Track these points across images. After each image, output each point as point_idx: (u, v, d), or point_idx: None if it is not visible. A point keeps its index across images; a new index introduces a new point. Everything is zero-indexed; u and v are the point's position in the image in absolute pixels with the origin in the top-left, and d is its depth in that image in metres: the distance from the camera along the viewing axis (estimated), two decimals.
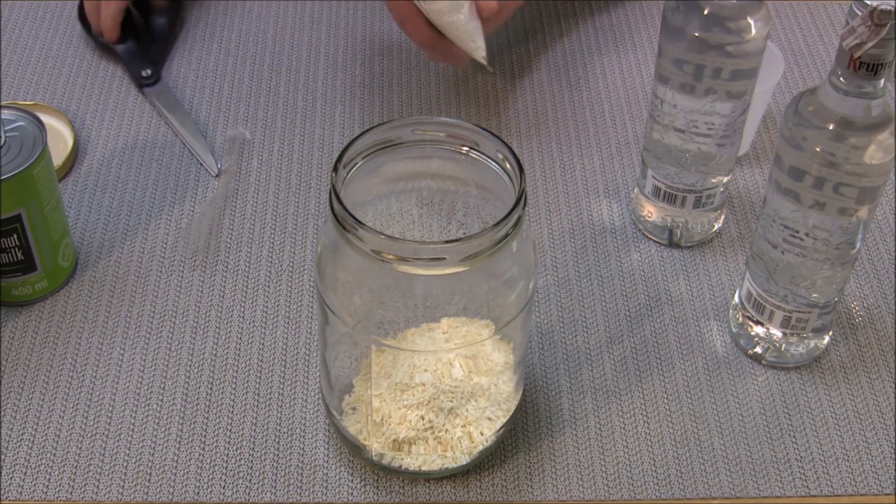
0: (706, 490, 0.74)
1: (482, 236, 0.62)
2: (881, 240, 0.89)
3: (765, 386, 0.79)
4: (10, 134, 0.79)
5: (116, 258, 0.86)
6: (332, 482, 0.73)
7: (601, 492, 0.73)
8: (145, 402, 0.77)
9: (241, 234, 0.88)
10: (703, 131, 0.81)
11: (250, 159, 0.94)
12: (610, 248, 0.88)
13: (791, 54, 1.05)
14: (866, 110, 0.67)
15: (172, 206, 0.90)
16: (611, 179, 0.93)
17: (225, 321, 0.82)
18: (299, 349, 0.81)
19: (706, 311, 0.84)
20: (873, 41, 0.64)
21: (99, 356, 0.80)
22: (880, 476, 0.75)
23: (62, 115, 0.95)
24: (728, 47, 0.76)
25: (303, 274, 0.85)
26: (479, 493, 0.73)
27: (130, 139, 0.95)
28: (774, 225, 0.74)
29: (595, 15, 1.09)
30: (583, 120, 0.98)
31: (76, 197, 0.91)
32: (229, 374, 0.79)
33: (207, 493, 0.73)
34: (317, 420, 0.77)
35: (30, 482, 0.73)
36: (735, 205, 0.92)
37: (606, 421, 0.77)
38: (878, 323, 0.83)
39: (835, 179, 0.69)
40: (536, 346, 0.81)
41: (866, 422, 0.77)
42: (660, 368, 0.80)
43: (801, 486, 0.74)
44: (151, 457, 0.75)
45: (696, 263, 0.87)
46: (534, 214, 0.90)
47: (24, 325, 0.82)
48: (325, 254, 0.67)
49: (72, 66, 1.02)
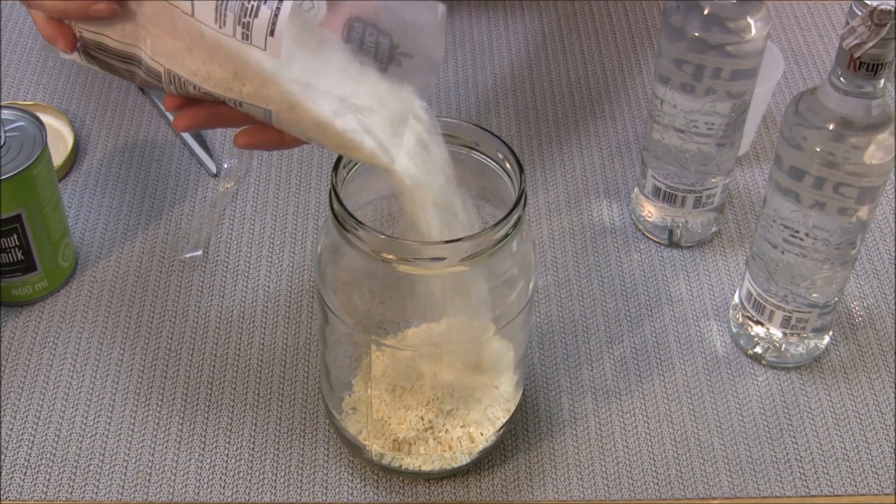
0: (706, 490, 0.74)
1: (482, 236, 0.62)
2: (881, 240, 0.89)
3: (765, 386, 0.79)
4: (10, 134, 0.79)
5: (116, 258, 0.86)
6: (332, 482, 0.73)
7: (601, 492, 0.73)
8: (145, 402, 0.77)
9: (241, 234, 0.88)
10: (703, 131, 0.81)
11: (250, 159, 0.94)
12: (610, 248, 0.88)
13: (791, 54, 1.05)
14: (866, 110, 0.67)
15: (172, 206, 0.90)
16: (611, 179, 0.93)
17: (225, 321, 0.82)
18: (299, 349, 0.81)
19: (706, 311, 0.84)
20: (873, 41, 0.64)
21: (99, 356, 0.80)
22: (880, 476, 0.75)
23: (62, 115, 0.95)
24: (728, 47, 0.76)
25: (303, 274, 0.85)
26: (479, 493, 0.73)
27: (130, 139, 0.95)
28: (774, 225, 0.74)
29: (595, 15, 1.09)
30: (583, 120, 0.98)
31: (76, 197, 0.91)
32: (229, 374, 0.79)
33: (207, 493, 0.73)
34: (317, 420, 0.77)
35: (30, 482, 0.73)
36: (735, 205, 0.92)
37: (606, 421, 0.77)
38: (878, 323, 0.83)
39: (835, 179, 0.69)
40: (536, 346, 0.81)
41: (866, 422, 0.77)
42: (660, 368, 0.80)
43: (801, 486, 0.74)
44: (151, 457, 0.75)
45: (696, 263, 0.87)
46: (534, 214, 0.90)
47: (24, 325, 0.82)
48: (325, 254, 0.67)
49: (72, 66, 1.02)
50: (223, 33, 0.60)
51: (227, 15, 0.59)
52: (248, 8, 0.59)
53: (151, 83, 0.65)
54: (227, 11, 0.59)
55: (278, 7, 0.59)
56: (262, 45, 0.59)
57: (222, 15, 0.60)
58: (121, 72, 0.66)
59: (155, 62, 0.63)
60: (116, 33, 0.63)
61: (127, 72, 0.65)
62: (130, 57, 0.64)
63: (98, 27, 0.64)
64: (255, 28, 0.59)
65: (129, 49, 0.64)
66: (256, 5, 0.59)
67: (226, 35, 0.60)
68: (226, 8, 0.59)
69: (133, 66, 0.64)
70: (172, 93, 0.64)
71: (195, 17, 0.60)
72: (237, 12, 0.59)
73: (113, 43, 0.64)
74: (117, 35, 0.63)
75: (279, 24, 0.59)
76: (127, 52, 0.64)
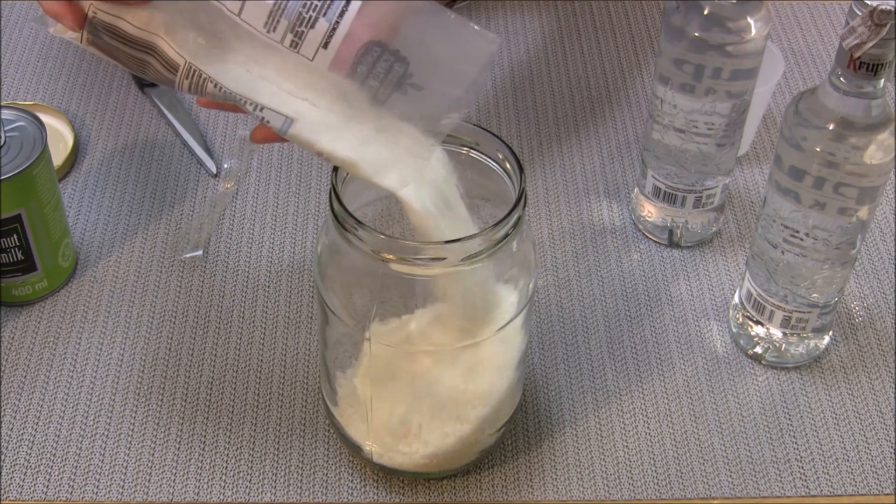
0: (706, 490, 0.74)
1: (482, 236, 0.62)
2: (881, 240, 0.89)
3: (765, 386, 0.79)
4: (10, 134, 0.79)
5: (116, 258, 0.86)
6: (332, 482, 0.73)
7: (601, 492, 0.73)
8: (145, 402, 0.77)
9: (241, 234, 0.88)
10: (703, 131, 0.81)
11: (250, 159, 0.94)
12: (610, 248, 0.88)
13: (791, 54, 1.05)
14: (866, 110, 0.67)
15: (172, 206, 0.90)
16: (611, 179, 0.93)
17: (225, 321, 0.82)
18: (299, 349, 0.81)
19: (706, 311, 0.84)
20: (873, 41, 0.64)
21: (99, 356, 0.80)
22: (880, 476, 0.75)
23: (62, 115, 0.95)
24: (728, 47, 0.76)
25: (303, 274, 0.85)
26: (479, 493, 0.73)
27: (130, 139, 0.95)
28: (774, 225, 0.74)
29: (595, 15, 1.09)
30: (583, 120, 0.98)
31: (76, 197, 0.91)
32: (229, 374, 0.79)
33: (207, 493, 0.73)
34: (317, 420, 0.77)
35: (30, 482, 0.73)
36: (735, 205, 0.92)
37: (606, 421, 0.77)
38: (878, 323, 0.83)
39: (835, 179, 0.69)
40: (536, 346, 0.81)
41: (866, 422, 0.77)
42: (660, 368, 0.80)
43: (801, 486, 0.74)
44: (151, 457, 0.75)
45: (696, 263, 0.87)
46: (534, 214, 0.90)
47: (24, 325, 0.82)
48: (325, 254, 0.67)
49: (72, 66, 1.02)
50: (269, 38, 0.59)
51: (281, 21, 0.59)
52: (306, 18, 0.58)
53: (160, 75, 0.63)
54: (282, 17, 0.59)
55: (337, 22, 0.58)
56: (309, 56, 0.59)
57: (275, 20, 0.59)
58: (125, 59, 0.64)
59: (177, 54, 0.62)
60: (138, 19, 0.62)
61: (135, 60, 0.63)
62: (147, 45, 0.62)
63: (118, 10, 0.62)
64: (308, 38, 0.58)
65: (147, 37, 0.62)
66: (314, 16, 0.58)
67: (272, 40, 0.59)
68: (281, 14, 0.59)
69: (146, 55, 0.63)
70: (184, 88, 0.63)
71: (241, 17, 0.59)
72: (293, 20, 0.59)
73: (130, 28, 0.62)
74: (138, 21, 0.62)
75: (335, 38, 0.58)
76: (144, 39, 0.62)
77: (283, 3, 0.59)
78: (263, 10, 0.59)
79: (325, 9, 0.59)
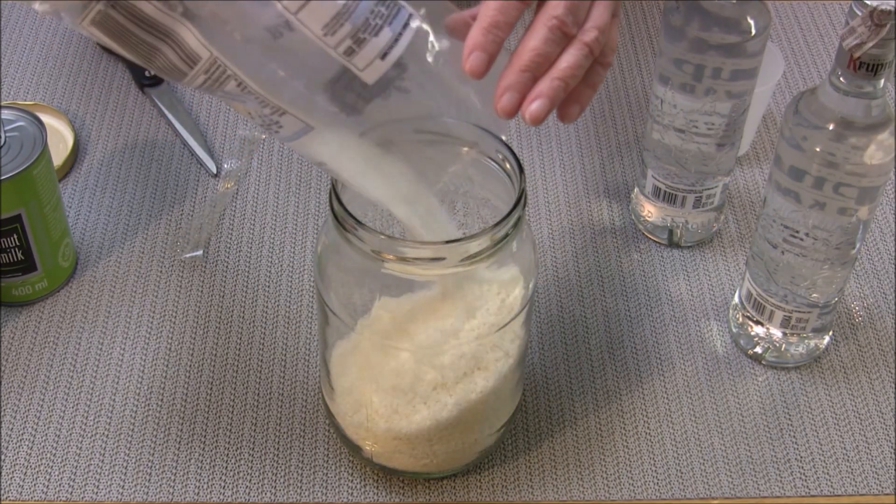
0: (706, 490, 0.74)
1: (482, 236, 0.62)
2: (881, 240, 0.89)
3: (765, 386, 0.79)
4: (10, 134, 0.79)
5: (116, 258, 0.86)
6: (332, 482, 0.73)
7: (601, 492, 0.73)
8: (145, 402, 0.77)
9: (241, 234, 0.88)
10: (703, 131, 0.81)
11: (250, 159, 0.94)
12: (610, 248, 0.88)
13: (791, 54, 1.05)
14: (866, 110, 0.67)
15: (172, 206, 0.90)
16: (611, 179, 0.93)
17: (225, 321, 0.82)
18: (299, 349, 0.81)
19: (706, 311, 0.84)
20: (873, 41, 0.64)
21: (99, 356, 0.80)
22: (880, 476, 0.75)
23: (62, 115, 0.95)
24: (728, 47, 0.76)
25: (303, 274, 0.85)
26: (479, 493, 0.73)
27: (130, 139, 0.95)
28: (774, 225, 0.74)
29: None
30: (583, 120, 0.98)
31: (76, 197, 0.91)
32: (229, 374, 0.79)
33: (207, 493, 0.73)
34: (317, 420, 0.77)
35: (30, 482, 0.73)
36: (735, 205, 0.92)
37: (606, 421, 0.77)
38: (878, 323, 0.83)
39: (835, 179, 0.69)
40: (536, 346, 0.81)
41: (866, 422, 0.77)
42: (660, 368, 0.80)
43: (801, 486, 0.74)
44: (151, 457, 0.75)
45: (696, 263, 0.87)
46: (534, 214, 0.90)
47: (24, 325, 0.82)
48: (325, 254, 0.67)
49: (72, 66, 1.02)
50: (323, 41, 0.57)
51: (345, 25, 0.57)
52: (372, 25, 0.57)
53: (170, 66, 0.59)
54: (347, 22, 0.56)
55: (400, 34, 0.57)
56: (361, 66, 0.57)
57: (338, 23, 0.57)
58: (132, 44, 0.58)
59: (202, 46, 0.57)
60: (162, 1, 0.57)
61: (145, 46, 0.58)
62: (165, 31, 0.57)
63: None
64: (367, 45, 0.57)
65: (168, 22, 0.57)
66: (380, 24, 0.57)
67: (326, 45, 0.57)
68: (347, 18, 0.56)
69: (160, 41, 0.58)
70: (197, 83, 0.59)
71: (297, 16, 0.56)
72: (358, 25, 0.57)
73: (151, 10, 0.57)
74: (162, 3, 0.57)
75: (395, 49, 0.57)
76: (164, 24, 0.57)
77: (353, 5, 0.57)
78: (329, 11, 0.56)
79: (392, 17, 0.57)
